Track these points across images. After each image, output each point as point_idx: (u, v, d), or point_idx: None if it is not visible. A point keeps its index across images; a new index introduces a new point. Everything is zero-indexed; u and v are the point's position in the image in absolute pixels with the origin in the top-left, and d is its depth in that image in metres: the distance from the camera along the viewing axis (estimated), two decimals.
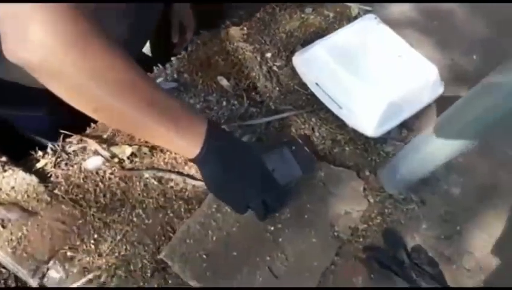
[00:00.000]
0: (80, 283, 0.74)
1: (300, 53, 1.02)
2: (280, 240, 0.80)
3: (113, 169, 0.84)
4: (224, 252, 0.77)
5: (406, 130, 1.01)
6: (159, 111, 0.64)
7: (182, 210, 0.81)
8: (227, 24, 1.11)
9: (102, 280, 0.74)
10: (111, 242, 0.77)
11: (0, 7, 0.53)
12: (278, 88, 1.01)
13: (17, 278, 0.83)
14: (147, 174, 0.84)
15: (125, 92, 0.60)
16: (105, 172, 0.83)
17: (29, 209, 0.77)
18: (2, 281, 0.82)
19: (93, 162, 0.83)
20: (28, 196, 0.78)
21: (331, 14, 1.17)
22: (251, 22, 1.12)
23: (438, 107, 1.04)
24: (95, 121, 0.87)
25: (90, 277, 0.74)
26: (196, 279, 0.74)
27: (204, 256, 0.76)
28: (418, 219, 0.90)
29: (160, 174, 0.84)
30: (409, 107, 0.95)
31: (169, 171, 0.85)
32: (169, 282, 0.75)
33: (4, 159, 0.81)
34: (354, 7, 1.19)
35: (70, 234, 0.77)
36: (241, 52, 1.04)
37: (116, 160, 0.85)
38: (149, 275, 0.75)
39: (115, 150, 0.85)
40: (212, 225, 0.79)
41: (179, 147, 0.69)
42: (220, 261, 0.76)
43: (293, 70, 1.04)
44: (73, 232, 0.77)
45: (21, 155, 0.85)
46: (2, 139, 0.88)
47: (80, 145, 0.86)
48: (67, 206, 0.79)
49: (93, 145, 0.85)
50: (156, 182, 0.84)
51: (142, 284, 0.74)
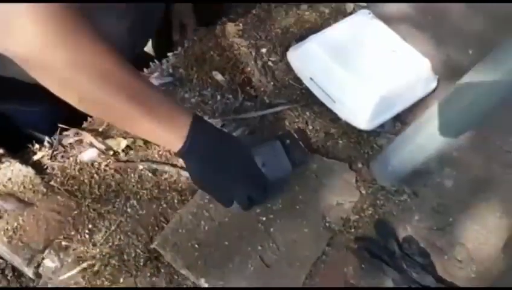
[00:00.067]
0: (74, 271, 0.75)
1: (294, 48, 1.03)
2: (271, 230, 0.81)
3: (108, 161, 0.85)
4: (216, 241, 0.78)
5: (400, 123, 1.01)
6: (142, 103, 0.64)
7: (175, 201, 0.83)
8: (223, 20, 1.12)
9: (96, 268, 0.76)
10: (105, 232, 0.79)
11: None
12: (272, 83, 1.02)
13: (14, 268, 0.85)
14: (141, 166, 0.86)
15: (109, 84, 0.61)
16: (100, 164, 0.85)
17: (25, 200, 0.79)
18: None
19: (88, 155, 0.85)
20: (24, 187, 0.80)
21: (327, 11, 1.18)
22: (247, 18, 1.13)
23: (432, 102, 1.05)
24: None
25: (84, 265, 0.76)
26: (188, 268, 0.75)
27: (196, 245, 0.77)
28: (410, 211, 0.91)
29: (154, 166, 0.86)
30: (402, 100, 0.96)
31: (164, 163, 0.86)
32: (162, 271, 0.77)
33: (1, 151, 0.83)
34: (350, 3, 1.19)
35: (65, 224, 0.79)
36: (237, 47, 1.05)
37: (111, 152, 0.86)
38: (142, 264, 0.77)
39: (110, 142, 0.87)
40: (204, 215, 0.80)
41: (162, 139, 0.69)
42: (212, 250, 0.77)
43: (287, 65, 1.05)
44: (68, 223, 0.79)
45: (18, 148, 0.87)
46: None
47: (76, 138, 0.87)
48: (62, 197, 0.81)
49: (88, 138, 0.86)
50: (150, 174, 0.85)
51: (135, 273, 0.76)
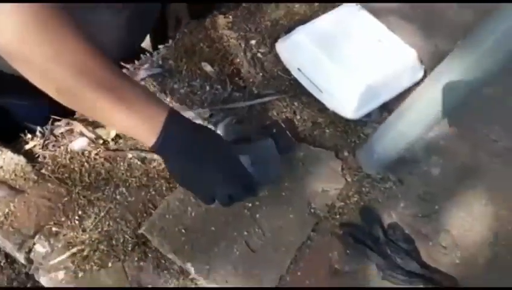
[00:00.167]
0: (64, 256, 0.77)
1: (283, 40, 1.05)
2: (257, 216, 0.83)
3: (98, 150, 0.87)
4: (202, 227, 0.80)
5: (387, 113, 1.02)
6: (117, 96, 0.63)
7: (164, 188, 0.85)
8: (214, 13, 1.13)
9: (85, 253, 0.78)
10: (95, 218, 0.81)
11: None
12: (261, 74, 1.03)
13: (7, 255, 0.87)
14: (130, 155, 0.87)
15: (87, 79, 0.60)
16: (90, 153, 0.87)
17: (17, 187, 0.81)
18: None
19: (79, 144, 0.87)
20: (16, 175, 0.82)
21: (316, 3, 1.19)
22: (237, 11, 1.15)
23: None
24: None
25: (74, 251, 0.78)
26: (174, 252, 0.77)
27: (183, 231, 0.79)
28: (395, 198, 0.92)
29: (143, 154, 0.88)
30: (388, 90, 0.97)
31: (152, 151, 0.88)
32: (149, 256, 0.79)
33: None
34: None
35: (56, 210, 0.81)
36: (226, 39, 1.07)
37: (101, 141, 0.88)
38: (130, 249, 0.79)
39: (100, 131, 0.89)
40: (191, 202, 0.82)
41: (138, 134, 0.68)
42: (198, 235, 0.79)
43: (276, 56, 1.06)
44: (59, 209, 0.81)
45: (11, 139, 0.89)
46: None
47: (67, 128, 0.89)
48: (53, 184, 0.83)
49: (79, 127, 0.88)
50: (139, 162, 0.87)
51: (123, 257, 0.78)
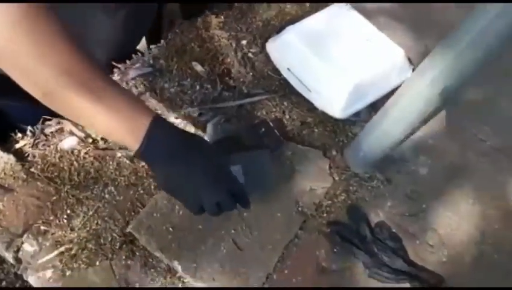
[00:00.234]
0: (52, 255, 0.78)
1: (273, 39, 1.05)
2: (245, 214, 0.83)
3: (87, 149, 0.88)
4: (189, 225, 0.81)
5: (375, 112, 1.03)
6: (103, 103, 0.62)
7: (152, 187, 0.85)
8: (205, 13, 1.14)
9: (73, 252, 0.79)
10: (83, 217, 0.82)
11: None
12: (251, 73, 1.04)
13: None
14: (119, 154, 0.88)
15: (72, 82, 0.60)
16: (80, 151, 0.87)
17: (6, 186, 0.82)
18: None
19: (68, 143, 0.87)
20: (5, 174, 0.83)
21: (308, 3, 1.20)
22: (228, 11, 1.15)
23: None
24: None
25: (62, 249, 0.79)
26: (161, 250, 0.78)
27: (170, 229, 0.80)
28: (383, 197, 0.93)
29: (132, 153, 0.88)
30: (376, 89, 0.97)
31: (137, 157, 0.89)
32: (137, 254, 0.79)
33: None
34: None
35: (44, 209, 0.81)
36: (217, 39, 1.07)
37: (90, 140, 0.89)
38: (117, 247, 0.79)
39: (90, 131, 0.89)
40: None
41: (121, 139, 0.67)
42: (185, 233, 0.80)
43: (267, 56, 1.07)
44: (47, 208, 0.81)
45: (3, 139, 0.89)
46: None
47: (58, 127, 0.90)
48: (42, 183, 0.83)
49: (69, 126, 0.89)
50: (128, 161, 0.88)
51: (110, 256, 0.79)
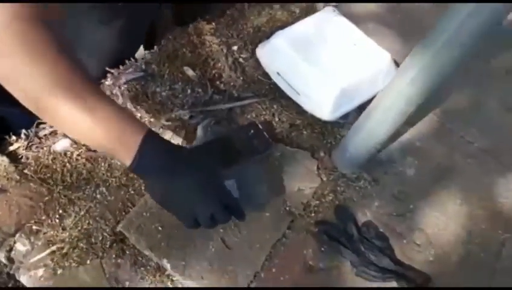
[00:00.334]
0: (44, 254, 0.79)
1: (262, 44, 1.08)
2: None
3: (80, 151, 0.90)
4: (178, 224, 0.80)
5: None
6: (95, 117, 0.63)
7: (143, 188, 0.87)
8: (197, 20, 1.16)
9: (65, 251, 0.80)
10: (75, 217, 0.83)
11: None
12: (242, 78, 1.06)
13: None
14: None
15: (65, 96, 0.61)
16: (72, 153, 0.89)
17: None
18: None
19: (61, 145, 0.89)
20: None
21: (298, 10, 1.23)
22: (220, 18, 1.18)
23: None
24: None
25: (53, 248, 0.80)
26: (151, 249, 0.79)
27: (159, 228, 0.82)
28: (370, 197, 0.95)
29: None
30: (363, 92, 0.99)
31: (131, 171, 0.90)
32: (127, 253, 0.81)
33: None
34: (320, 3, 1.24)
35: (37, 209, 0.83)
36: (208, 45, 1.10)
37: (83, 143, 0.90)
38: (108, 246, 0.81)
39: None
40: None
41: (112, 154, 0.67)
42: (174, 232, 0.81)
43: (257, 62, 1.09)
44: (40, 208, 0.83)
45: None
46: None
47: (51, 130, 0.92)
48: (35, 184, 0.85)
49: None
50: (120, 163, 0.89)
51: (101, 254, 0.80)
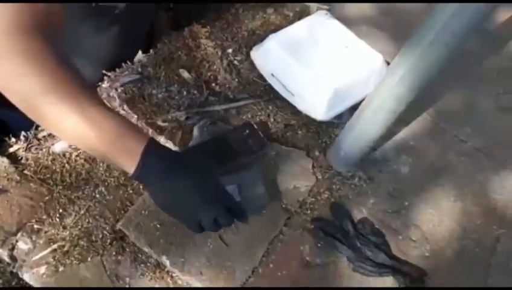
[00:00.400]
0: (46, 252, 0.81)
1: (257, 47, 1.10)
2: None
3: (78, 152, 0.91)
4: (176, 222, 0.83)
5: None
6: (96, 127, 0.64)
7: (141, 187, 0.88)
8: (193, 24, 1.19)
9: (66, 249, 0.81)
10: (75, 216, 0.84)
11: None
12: (237, 80, 1.08)
13: None
14: None
15: (67, 109, 0.62)
16: (71, 154, 0.91)
17: (0, 187, 0.85)
18: None
19: (60, 146, 0.91)
20: None
21: (291, 14, 1.25)
22: (215, 22, 1.20)
23: None
24: None
25: (54, 246, 0.81)
26: (150, 246, 0.81)
27: (158, 226, 0.83)
28: (365, 195, 0.97)
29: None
30: (356, 93, 1.01)
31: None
32: (127, 250, 0.82)
33: None
34: (313, 7, 1.27)
35: (37, 209, 0.84)
36: (204, 48, 1.12)
37: None
38: (108, 244, 0.82)
39: None
40: None
41: (115, 163, 0.69)
42: (173, 230, 0.83)
43: (252, 64, 1.11)
44: (40, 208, 0.84)
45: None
46: None
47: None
48: (35, 184, 0.86)
49: None
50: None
51: (101, 252, 0.81)
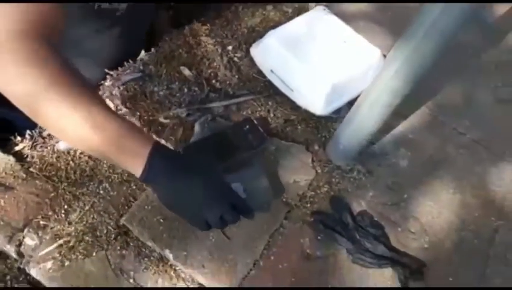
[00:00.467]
0: (52, 247, 0.83)
1: (256, 44, 1.11)
2: None
3: None
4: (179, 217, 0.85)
5: None
6: (103, 132, 0.66)
7: (143, 183, 0.90)
8: (193, 22, 1.20)
9: (71, 244, 0.83)
10: (80, 212, 0.86)
11: None
12: (237, 76, 1.10)
13: (0, 252, 0.92)
14: None
15: (74, 115, 0.65)
16: (75, 152, 0.92)
17: (6, 184, 0.87)
18: None
19: (64, 144, 0.92)
20: (6, 173, 0.88)
21: (290, 10, 1.27)
22: (215, 20, 1.22)
23: None
24: None
25: (60, 242, 0.83)
26: (153, 240, 0.83)
27: (161, 220, 0.85)
28: (364, 188, 0.98)
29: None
30: (354, 87, 1.03)
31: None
32: (131, 244, 0.84)
33: None
34: (312, 3, 1.28)
35: (43, 205, 0.86)
36: (204, 45, 1.13)
37: None
38: (112, 238, 0.84)
39: None
40: None
41: (123, 167, 0.71)
42: (176, 224, 0.85)
43: (252, 60, 1.13)
44: (46, 204, 0.86)
45: (1, 142, 0.95)
46: None
47: None
48: (40, 181, 0.88)
49: None
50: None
51: (106, 247, 0.83)
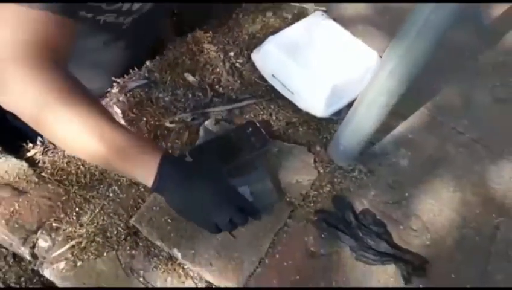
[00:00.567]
0: (64, 248, 0.86)
1: (257, 50, 1.15)
2: None
3: None
4: None
5: None
6: (113, 146, 0.69)
7: None
8: (195, 30, 1.24)
9: (83, 245, 0.86)
10: (90, 214, 0.90)
11: None
12: (239, 81, 1.13)
13: (15, 255, 0.95)
14: None
15: (84, 129, 0.69)
16: None
17: (20, 188, 0.90)
18: (2, 258, 0.95)
19: None
20: (19, 178, 0.91)
21: (289, 16, 1.30)
22: (217, 27, 1.25)
23: None
24: None
25: (72, 243, 0.86)
26: (162, 239, 0.86)
27: (169, 220, 0.88)
28: (366, 187, 1.01)
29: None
30: (353, 89, 1.06)
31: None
32: (140, 244, 0.87)
33: None
34: (311, 9, 1.31)
35: (55, 208, 0.89)
36: (206, 52, 1.17)
37: None
38: (122, 239, 0.87)
39: None
40: None
41: (134, 178, 0.75)
42: (183, 224, 0.87)
43: (253, 65, 1.16)
44: (58, 207, 0.90)
45: (15, 148, 0.98)
46: None
47: None
48: (52, 185, 0.92)
49: None
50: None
51: (116, 247, 0.86)
